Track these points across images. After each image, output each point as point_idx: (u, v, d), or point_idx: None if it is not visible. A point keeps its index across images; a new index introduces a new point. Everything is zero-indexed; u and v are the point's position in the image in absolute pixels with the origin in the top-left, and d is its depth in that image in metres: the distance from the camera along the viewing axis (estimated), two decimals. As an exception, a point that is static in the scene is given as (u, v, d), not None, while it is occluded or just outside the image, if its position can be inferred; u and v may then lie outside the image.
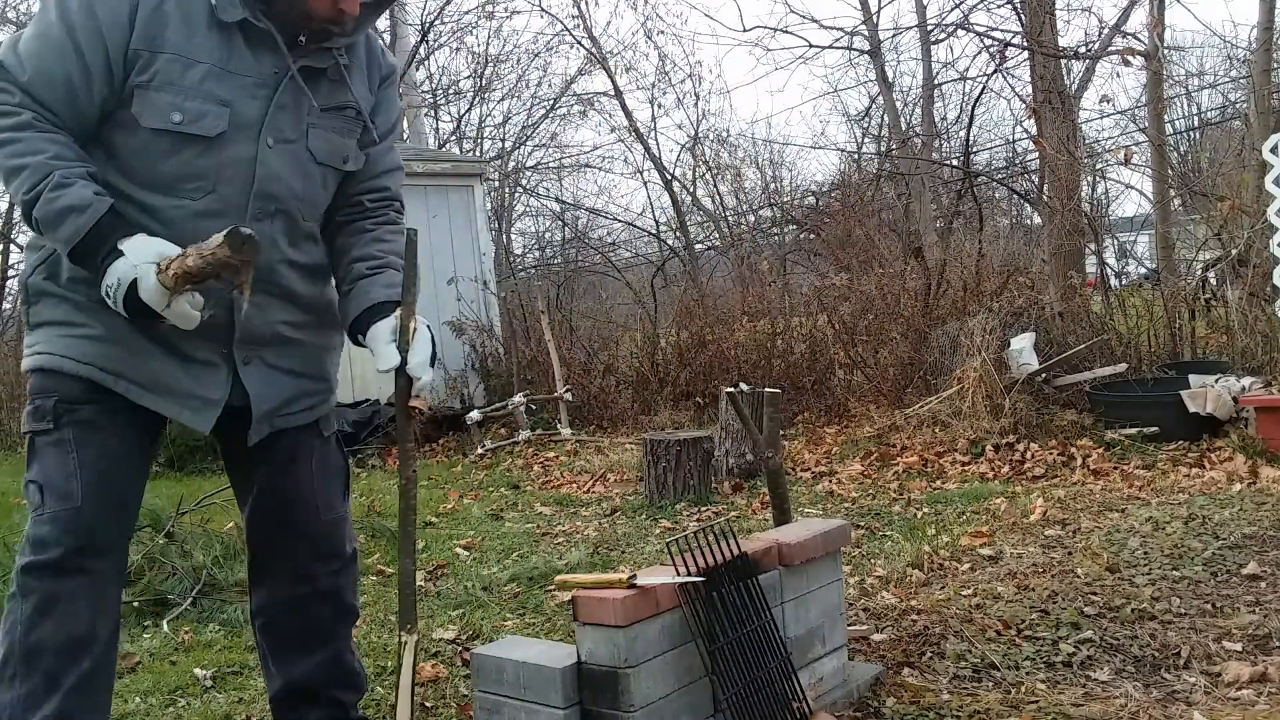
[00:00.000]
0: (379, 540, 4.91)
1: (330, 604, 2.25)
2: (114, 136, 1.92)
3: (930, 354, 7.25)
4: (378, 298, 2.06)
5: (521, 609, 3.71)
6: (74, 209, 1.81)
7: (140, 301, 1.81)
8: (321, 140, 2.06)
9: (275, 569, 2.24)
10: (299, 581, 2.22)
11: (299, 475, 2.18)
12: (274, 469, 2.16)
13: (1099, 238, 9.11)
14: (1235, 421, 5.66)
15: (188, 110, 1.89)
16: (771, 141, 24.81)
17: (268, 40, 1.96)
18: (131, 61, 1.88)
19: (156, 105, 1.88)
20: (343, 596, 2.29)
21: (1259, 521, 4.03)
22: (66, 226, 1.81)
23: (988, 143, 17.06)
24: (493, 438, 8.62)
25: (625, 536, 4.86)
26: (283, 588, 2.23)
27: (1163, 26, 10.02)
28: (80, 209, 1.81)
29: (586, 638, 2.10)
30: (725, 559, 2.27)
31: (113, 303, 1.83)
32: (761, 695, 2.23)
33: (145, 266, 1.81)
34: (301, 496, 2.19)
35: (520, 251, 21.58)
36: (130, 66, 1.88)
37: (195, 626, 3.68)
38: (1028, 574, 3.54)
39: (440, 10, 18.16)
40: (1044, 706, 2.45)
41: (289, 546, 2.21)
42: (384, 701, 2.84)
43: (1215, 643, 2.80)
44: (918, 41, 14.79)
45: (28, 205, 1.82)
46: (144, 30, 1.88)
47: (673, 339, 9.46)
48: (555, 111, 20.14)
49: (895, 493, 5.40)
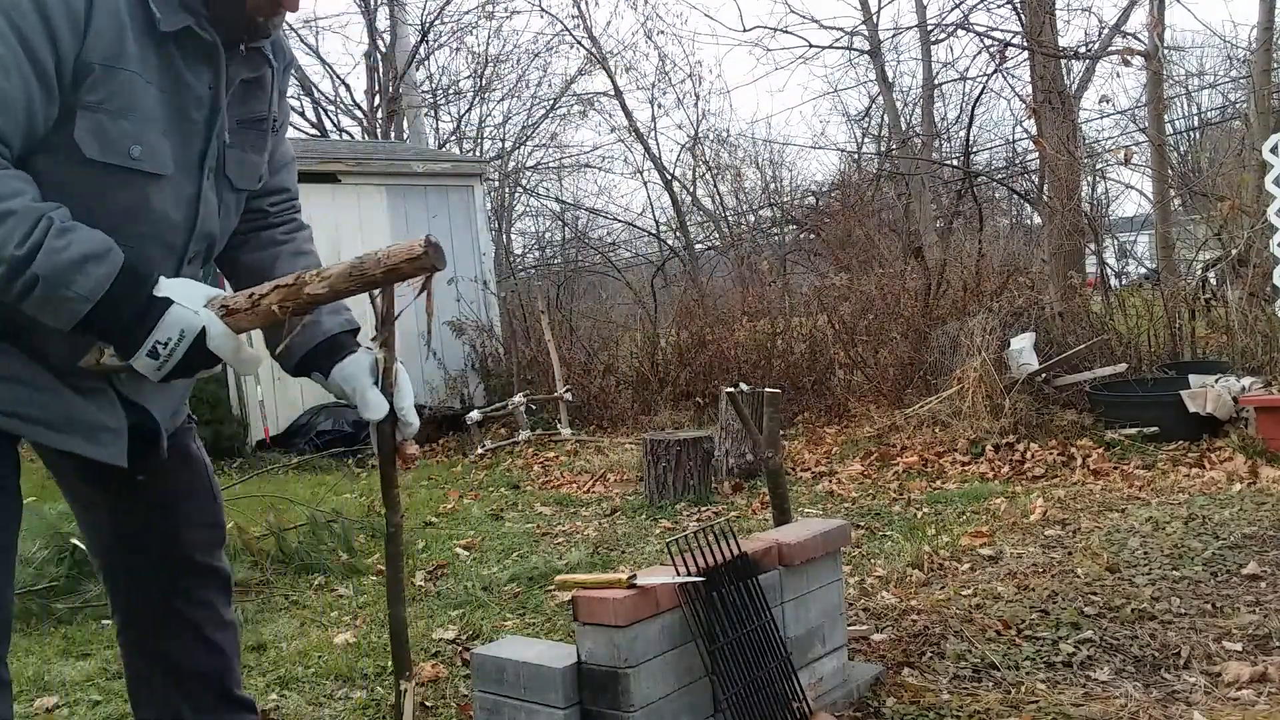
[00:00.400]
0: (379, 540, 4.91)
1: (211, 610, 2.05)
2: (39, 163, 1.54)
3: (930, 354, 7.25)
4: (332, 329, 1.82)
5: (521, 609, 3.71)
6: (90, 256, 1.50)
7: (206, 355, 1.57)
8: (237, 162, 1.77)
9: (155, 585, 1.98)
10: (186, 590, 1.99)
11: (195, 470, 1.99)
12: (165, 477, 1.90)
13: (1099, 238, 9.11)
14: (1235, 421, 5.67)
15: (147, 142, 1.59)
16: (771, 141, 24.83)
17: (204, 52, 1.66)
18: (80, 74, 1.52)
19: (110, 135, 1.55)
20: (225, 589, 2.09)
21: (1259, 521, 4.03)
22: (85, 280, 1.49)
23: (988, 143, 17.08)
24: (493, 438, 8.63)
25: (625, 536, 4.86)
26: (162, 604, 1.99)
27: (1163, 26, 10.03)
28: (99, 255, 1.51)
29: (586, 638, 2.10)
30: (725, 559, 2.27)
31: (160, 363, 1.56)
32: (761, 695, 2.23)
33: (205, 312, 1.56)
34: (198, 494, 1.99)
35: (520, 251, 21.59)
36: (78, 80, 1.52)
37: (195, 626, 3.67)
38: (1028, 574, 3.54)
39: (440, 10, 18.17)
40: (1044, 706, 2.45)
41: (179, 555, 1.97)
42: (384, 701, 2.85)
43: (1215, 643, 2.80)
44: (918, 41, 14.81)
45: (19, 263, 1.45)
46: (100, 38, 1.53)
47: (673, 339, 9.47)
48: (555, 111, 20.15)
49: (895, 493, 5.40)
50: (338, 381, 1.81)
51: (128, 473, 1.78)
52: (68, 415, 1.68)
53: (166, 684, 1.98)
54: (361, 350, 1.83)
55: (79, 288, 1.49)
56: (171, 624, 1.97)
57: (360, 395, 1.78)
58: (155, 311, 1.54)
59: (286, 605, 3.99)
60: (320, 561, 4.47)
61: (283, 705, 2.87)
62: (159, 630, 1.98)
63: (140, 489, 1.86)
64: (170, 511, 1.93)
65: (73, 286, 1.49)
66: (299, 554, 4.50)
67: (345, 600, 4.02)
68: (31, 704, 2.96)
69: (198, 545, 1.97)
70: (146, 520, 1.91)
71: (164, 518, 1.93)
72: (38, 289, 1.48)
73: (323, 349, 1.82)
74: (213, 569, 2.01)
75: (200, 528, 1.98)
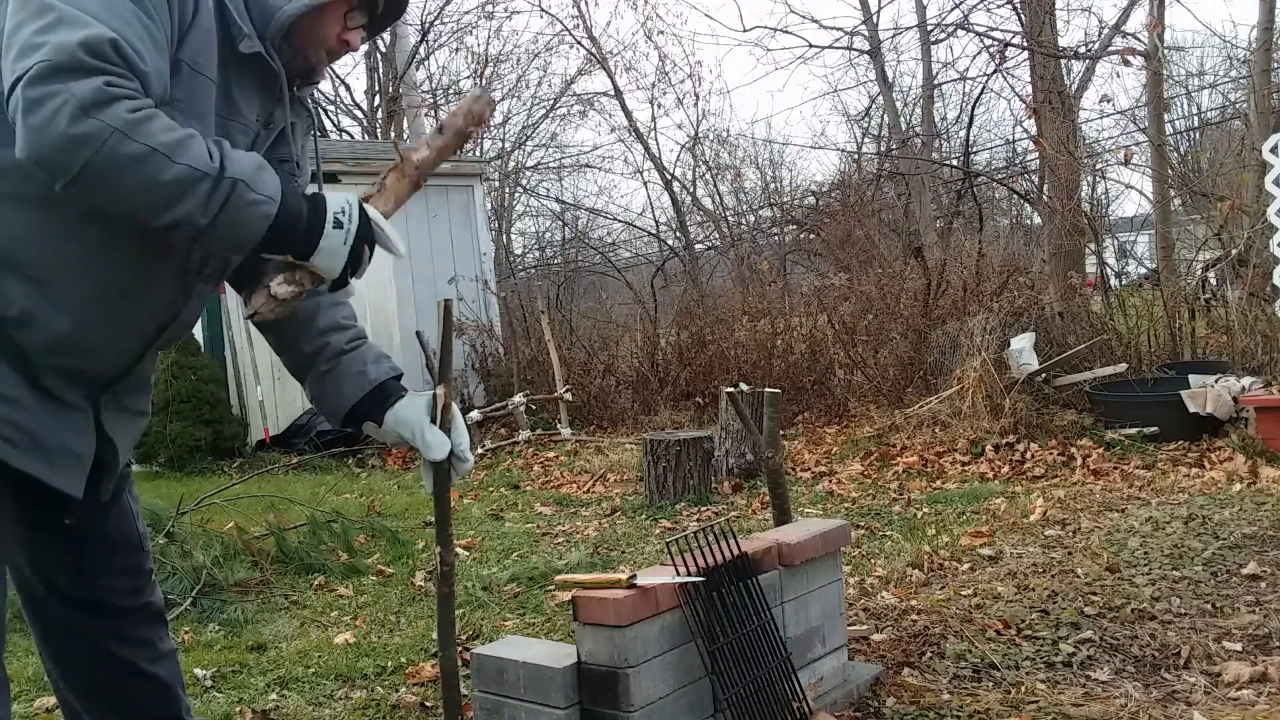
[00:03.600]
0: (379, 540, 4.92)
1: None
2: None
3: (930, 354, 7.25)
4: (379, 377, 1.85)
5: (521, 609, 3.71)
6: (259, 164, 1.55)
7: (368, 222, 1.62)
8: None
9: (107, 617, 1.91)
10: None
11: (124, 518, 1.91)
12: (90, 521, 1.82)
13: (1099, 238, 9.10)
14: (1235, 421, 5.67)
15: None
16: (771, 141, 24.83)
17: (263, 82, 1.71)
18: (173, 69, 1.56)
19: None
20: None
21: (1259, 521, 4.03)
22: (267, 181, 1.54)
23: (988, 143, 17.08)
24: (493, 438, 8.63)
25: (625, 536, 4.86)
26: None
27: (1163, 26, 10.01)
28: (262, 163, 1.56)
29: (586, 638, 2.10)
30: (725, 559, 2.27)
31: (346, 231, 1.59)
32: (761, 695, 2.23)
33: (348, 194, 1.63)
34: (121, 543, 1.91)
35: (520, 251, 21.59)
36: (172, 73, 1.55)
37: (195, 626, 3.68)
38: (1028, 574, 3.54)
39: (440, 10, 18.17)
40: (1044, 706, 2.45)
41: (97, 600, 1.89)
42: (384, 701, 2.84)
43: (1215, 643, 2.80)
44: (918, 41, 14.76)
45: (219, 172, 1.47)
46: (195, 40, 1.58)
47: (673, 339, 9.47)
48: (555, 111, 20.15)
49: (895, 493, 5.40)
50: (393, 427, 1.83)
51: (53, 509, 1.70)
52: (33, 432, 1.59)
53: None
54: (412, 393, 1.85)
55: (266, 188, 1.53)
56: (107, 667, 1.90)
57: (420, 437, 1.79)
58: (318, 195, 1.61)
59: (286, 605, 3.99)
60: (320, 561, 4.47)
61: (283, 705, 2.87)
62: (94, 674, 1.91)
63: (61, 530, 1.78)
64: (88, 559, 1.85)
65: (260, 189, 1.52)
66: (299, 554, 4.50)
67: (345, 600, 4.02)
68: (31, 704, 2.96)
69: (116, 591, 1.90)
70: (61, 563, 1.83)
71: (81, 564, 1.84)
72: (234, 194, 1.49)
73: (374, 397, 1.84)
74: (139, 607, 1.94)
75: (119, 575, 1.90)
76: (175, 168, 1.43)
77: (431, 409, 1.80)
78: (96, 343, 1.64)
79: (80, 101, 1.37)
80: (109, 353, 1.68)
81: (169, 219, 1.47)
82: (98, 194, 1.44)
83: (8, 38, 1.44)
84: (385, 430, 1.84)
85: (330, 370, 1.86)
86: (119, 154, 1.39)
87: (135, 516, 1.94)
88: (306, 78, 1.80)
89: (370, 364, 1.86)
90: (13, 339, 1.57)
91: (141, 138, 1.41)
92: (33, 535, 1.79)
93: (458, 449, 1.80)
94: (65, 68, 1.38)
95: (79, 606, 1.87)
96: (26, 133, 1.39)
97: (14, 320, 1.56)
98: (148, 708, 1.96)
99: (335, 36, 1.75)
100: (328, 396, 1.87)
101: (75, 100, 1.37)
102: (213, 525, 4.80)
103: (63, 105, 1.37)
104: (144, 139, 1.41)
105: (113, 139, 1.38)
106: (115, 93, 1.40)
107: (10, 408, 1.57)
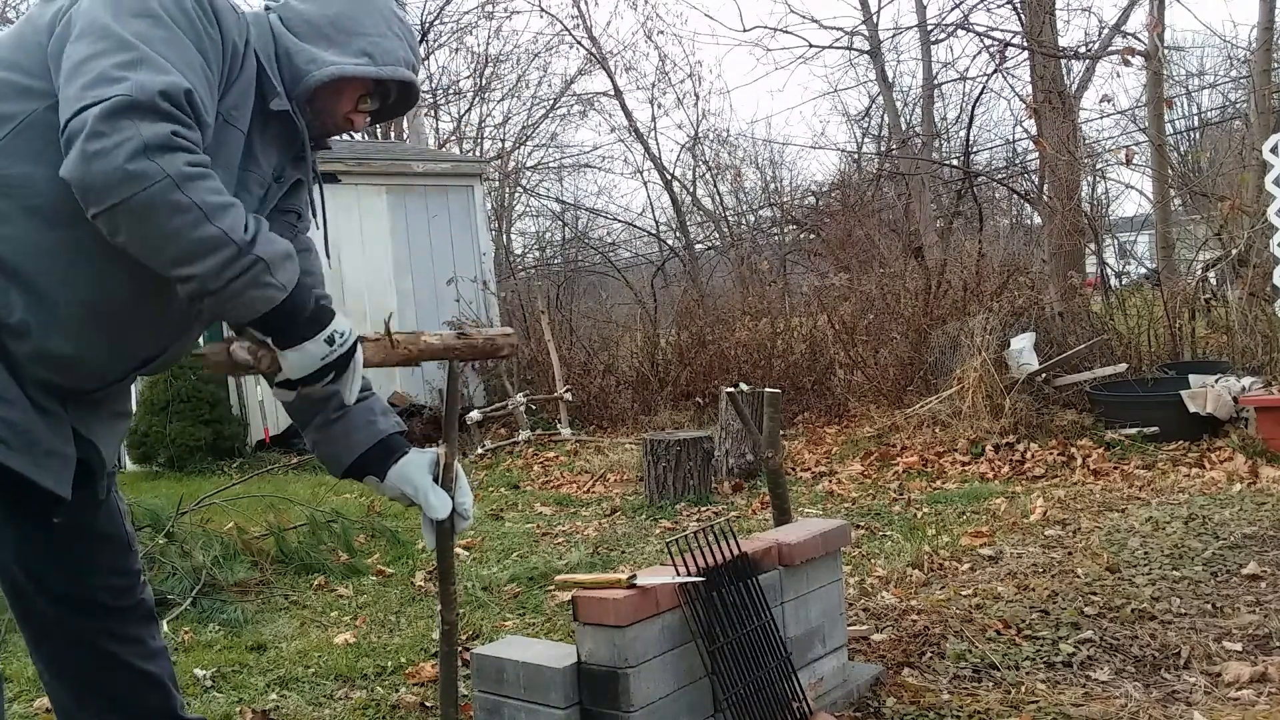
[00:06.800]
0: (379, 540, 4.92)
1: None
2: None
3: (930, 354, 7.25)
4: (385, 430, 1.89)
5: (521, 609, 3.71)
6: (289, 253, 1.60)
7: (349, 362, 1.65)
8: None
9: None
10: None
11: (111, 518, 1.93)
12: (78, 523, 1.84)
13: (1099, 238, 9.10)
14: (1235, 421, 5.67)
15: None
16: (771, 141, 24.81)
17: (285, 140, 1.77)
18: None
19: None
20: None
21: (1259, 521, 4.03)
22: (287, 271, 1.58)
23: (988, 143, 17.08)
24: (493, 438, 8.62)
25: (625, 536, 4.86)
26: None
27: (1163, 26, 10.02)
28: (292, 254, 1.61)
29: (586, 638, 2.10)
30: (725, 559, 2.27)
31: (332, 350, 1.63)
32: (761, 695, 2.23)
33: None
34: (110, 543, 1.93)
35: (520, 251, 21.59)
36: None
37: (195, 626, 3.68)
38: (1028, 574, 3.54)
39: (440, 10, 18.19)
40: (1044, 706, 2.45)
41: (89, 600, 1.90)
42: (384, 701, 2.84)
43: (1215, 643, 2.80)
44: (918, 41, 14.76)
45: (248, 246, 1.51)
46: (233, 93, 1.65)
47: (673, 339, 9.47)
48: (555, 111, 20.17)
49: (895, 493, 5.40)
50: (395, 483, 1.87)
51: (44, 510, 1.71)
52: (26, 433, 1.60)
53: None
54: (415, 450, 1.88)
55: (283, 276, 1.57)
56: (103, 666, 1.91)
57: (423, 495, 1.85)
58: (327, 308, 1.66)
59: (286, 605, 3.99)
60: (320, 561, 4.47)
61: (283, 705, 2.87)
62: (91, 674, 1.91)
63: (50, 530, 1.79)
64: (78, 558, 1.86)
65: (278, 274, 1.56)
66: (299, 554, 4.50)
67: (345, 600, 4.02)
68: (31, 704, 2.96)
69: (107, 591, 1.90)
70: (51, 563, 1.84)
71: (71, 563, 1.85)
72: (252, 271, 1.52)
73: (377, 451, 1.88)
74: (131, 606, 1.95)
75: (109, 574, 1.91)
76: (208, 228, 1.47)
77: (433, 467, 1.84)
78: (83, 364, 1.66)
79: (145, 142, 1.42)
80: (92, 375, 1.70)
81: (181, 273, 1.50)
82: (124, 229, 1.46)
83: (80, 63, 1.48)
84: (387, 485, 1.88)
85: (340, 418, 1.89)
86: (161, 199, 1.43)
87: (123, 516, 1.96)
88: (318, 141, 1.88)
89: (379, 415, 1.90)
90: (5, 345, 1.60)
91: (189, 192, 1.45)
92: (22, 535, 1.80)
93: (460, 507, 1.85)
94: (143, 107, 1.43)
95: (70, 606, 1.88)
96: (81, 156, 1.42)
97: (11, 328, 1.59)
98: (146, 704, 1.97)
99: (343, 114, 1.83)
100: (335, 442, 1.91)
101: (141, 140, 1.42)
102: (212, 525, 4.80)
103: (126, 141, 1.41)
104: (190, 193, 1.45)
105: (162, 184, 1.43)
106: (179, 143, 1.45)
107: (7, 408, 1.59)
